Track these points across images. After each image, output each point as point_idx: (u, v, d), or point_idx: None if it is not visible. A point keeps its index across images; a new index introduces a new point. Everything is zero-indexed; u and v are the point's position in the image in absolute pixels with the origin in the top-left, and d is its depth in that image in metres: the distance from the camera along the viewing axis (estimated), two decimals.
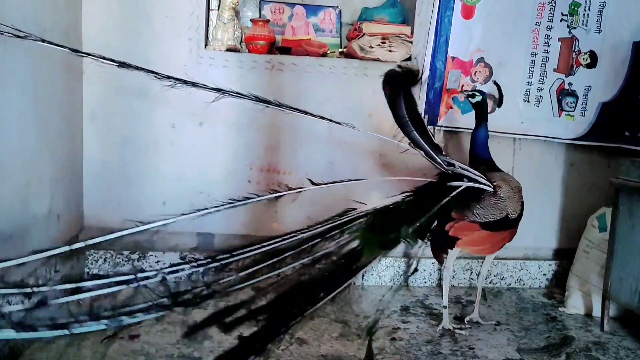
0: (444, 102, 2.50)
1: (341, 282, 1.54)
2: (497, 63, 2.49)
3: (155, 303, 1.42)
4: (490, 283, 2.66)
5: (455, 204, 1.84)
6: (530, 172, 2.61)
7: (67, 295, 1.42)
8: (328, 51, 2.57)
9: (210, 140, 2.42)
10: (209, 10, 2.45)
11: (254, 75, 2.39)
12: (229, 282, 1.52)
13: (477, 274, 2.60)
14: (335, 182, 1.75)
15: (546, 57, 2.51)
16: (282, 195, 1.68)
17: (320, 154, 2.47)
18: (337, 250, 1.66)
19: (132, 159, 2.39)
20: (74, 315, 1.36)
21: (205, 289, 1.50)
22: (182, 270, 1.53)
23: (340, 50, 2.67)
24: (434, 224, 1.92)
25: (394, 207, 1.78)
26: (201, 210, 1.57)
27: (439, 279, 2.60)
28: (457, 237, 1.95)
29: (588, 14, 2.49)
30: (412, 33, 2.52)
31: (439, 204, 1.79)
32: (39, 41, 1.48)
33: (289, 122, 2.40)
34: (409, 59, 2.49)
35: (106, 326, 1.37)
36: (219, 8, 2.44)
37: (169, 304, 1.44)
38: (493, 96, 2.36)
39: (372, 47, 2.46)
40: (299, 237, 1.64)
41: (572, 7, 2.48)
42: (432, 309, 2.34)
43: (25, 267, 1.68)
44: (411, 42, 2.51)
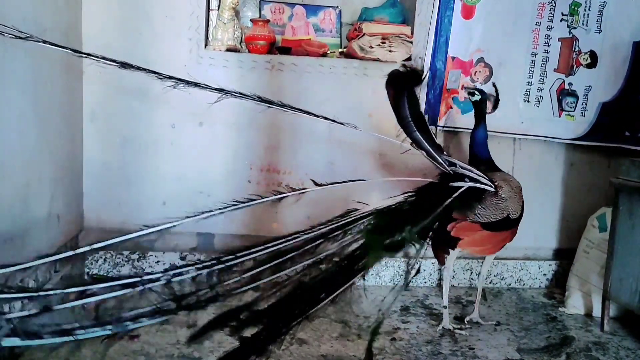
0: (444, 102, 2.50)
1: (342, 283, 1.54)
2: (497, 63, 2.49)
3: (160, 308, 1.40)
4: (490, 283, 2.66)
5: (458, 204, 1.84)
6: (530, 172, 2.61)
7: (71, 298, 1.40)
8: (328, 51, 2.57)
9: (210, 140, 2.42)
10: (209, 10, 2.45)
11: (254, 75, 2.39)
12: (234, 284, 1.51)
13: (477, 274, 2.61)
14: (338, 182, 1.74)
15: (546, 57, 2.51)
16: (285, 197, 1.67)
17: (320, 154, 2.47)
18: (340, 251, 1.65)
19: (132, 159, 2.39)
20: (78, 321, 1.34)
21: (210, 291, 1.49)
22: (187, 272, 1.51)
23: (340, 50, 2.67)
24: (435, 225, 1.91)
25: (397, 208, 1.77)
26: (205, 213, 1.56)
27: (439, 279, 2.60)
28: (458, 237, 1.94)
29: (588, 14, 2.49)
30: (412, 33, 2.52)
31: (442, 204, 1.78)
32: (40, 42, 1.47)
33: (289, 122, 2.40)
34: (409, 59, 2.49)
35: (111, 331, 1.35)
36: (219, 8, 2.44)
37: (174, 308, 1.42)
38: (493, 96, 2.35)
39: (372, 47, 2.46)
40: (303, 237, 1.63)
41: (573, 7, 2.48)
42: (432, 309, 2.34)
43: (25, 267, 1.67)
44: (411, 42, 2.51)
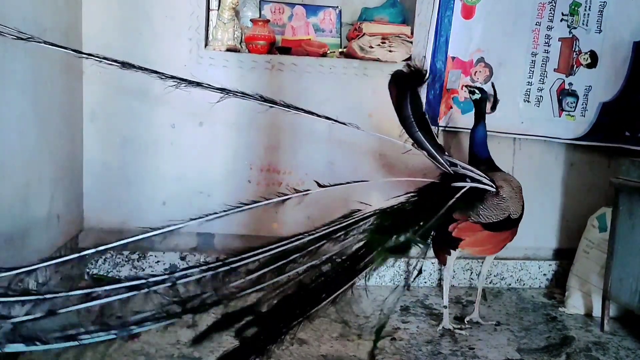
0: (444, 102, 2.50)
1: (344, 283, 1.54)
2: (497, 63, 2.49)
3: (166, 311, 1.39)
4: (490, 283, 2.66)
5: (460, 205, 1.83)
6: (530, 172, 2.61)
7: (73, 302, 1.38)
8: (328, 51, 2.57)
9: (210, 140, 2.42)
10: (209, 10, 2.45)
11: (254, 76, 2.39)
12: (238, 286, 1.50)
13: (477, 274, 2.60)
14: (341, 183, 1.74)
15: (546, 57, 2.50)
16: (289, 198, 1.66)
17: (320, 154, 2.47)
18: (342, 252, 1.65)
19: (132, 159, 2.39)
20: (83, 325, 1.33)
21: (215, 294, 1.48)
22: (192, 274, 1.50)
23: (340, 50, 2.67)
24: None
25: (400, 208, 1.77)
26: (211, 215, 1.56)
27: (439, 279, 2.60)
28: (460, 238, 1.94)
29: (588, 14, 2.49)
30: (412, 33, 2.52)
31: (445, 205, 1.78)
32: (42, 43, 1.46)
33: (289, 122, 2.40)
34: (409, 59, 2.49)
35: (116, 336, 1.34)
36: (219, 8, 2.44)
37: (180, 311, 1.41)
38: (492, 97, 2.35)
39: (372, 47, 2.46)
40: (307, 239, 1.63)
41: (573, 7, 2.48)
42: (432, 309, 2.34)
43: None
44: (411, 42, 2.50)
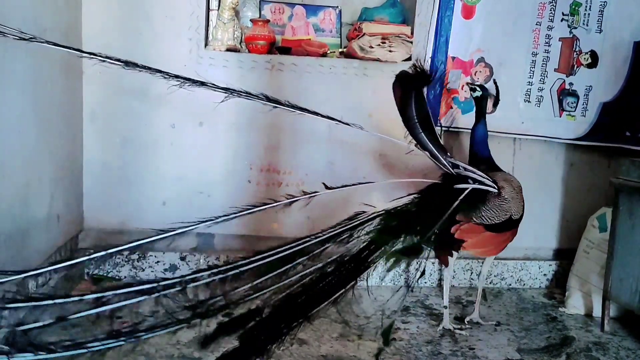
0: (444, 102, 2.50)
1: (346, 283, 1.54)
2: (498, 63, 2.49)
3: (176, 317, 1.38)
4: (490, 283, 2.65)
5: (463, 206, 1.83)
6: (531, 172, 2.60)
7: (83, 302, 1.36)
8: (328, 51, 2.56)
9: (210, 140, 2.42)
10: (209, 10, 2.45)
11: (254, 75, 2.39)
12: (244, 290, 1.49)
13: (477, 274, 2.60)
14: (347, 185, 1.73)
15: (547, 57, 2.50)
16: (296, 200, 1.66)
17: (320, 154, 2.47)
18: (346, 253, 1.65)
19: (132, 159, 2.39)
20: (93, 333, 1.32)
21: (223, 298, 1.47)
22: (201, 278, 1.50)
23: (340, 50, 2.67)
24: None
25: (405, 210, 1.77)
26: (220, 217, 1.56)
27: (439, 279, 2.60)
28: (462, 239, 1.93)
29: (589, 14, 2.49)
30: (412, 33, 2.52)
31: (449, 207, 1.77)
32: (44, 43, 1.46)
33: (289, 122, 2.40)
34: (409, 59, 2.49)
35: (125, 342, 1.32)
36: (219, 8, 2.44)
37: (189, 316, 1.40)
38: (493, 95, 2.35)
39: (372, 47, 2.45)
40: (313, 241, 1.63)
41: (573, 6, 2.48)
42: (432, 309, 2.34)
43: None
44: (411, 42, 2.50)
